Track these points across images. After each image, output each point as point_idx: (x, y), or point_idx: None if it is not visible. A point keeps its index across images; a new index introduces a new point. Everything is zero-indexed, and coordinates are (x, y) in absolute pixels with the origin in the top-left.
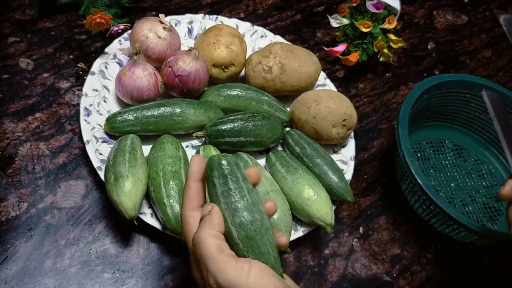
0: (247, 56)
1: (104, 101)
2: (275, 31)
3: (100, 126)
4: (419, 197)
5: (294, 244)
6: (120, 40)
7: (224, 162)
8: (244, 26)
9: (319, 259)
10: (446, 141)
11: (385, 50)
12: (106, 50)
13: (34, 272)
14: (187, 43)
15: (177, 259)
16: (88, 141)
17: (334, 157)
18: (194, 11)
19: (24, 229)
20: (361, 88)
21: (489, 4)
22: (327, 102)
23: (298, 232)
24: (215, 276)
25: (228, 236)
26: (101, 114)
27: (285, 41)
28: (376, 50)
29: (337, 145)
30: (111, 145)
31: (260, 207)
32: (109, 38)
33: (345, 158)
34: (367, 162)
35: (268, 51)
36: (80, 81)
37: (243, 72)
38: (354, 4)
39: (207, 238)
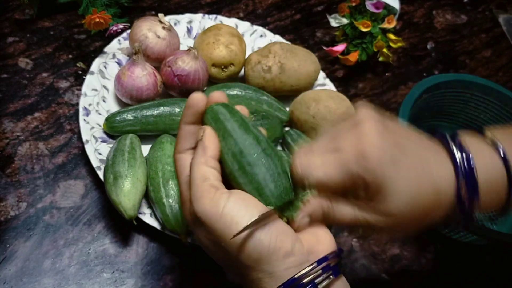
0: (246, 56)
1: (103, 100)
2: (274, 30)
3: (99, 125)
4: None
5: None
6: (119, 40)
7: (222, 109)
8: (244, 26)
9: None
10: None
11: (385, 50)
12: (105, 49)
13: (33, 272)
14: (186, 42)
15: (176, 259)
16: (87, 141)
17: None
18: (194, 10)
19: (23, 229)
20: (361, 88)
21: (489, 4)
22: (327, 102)
23: None
24: (193, 205)
25: (222, 162)
26: (100, 114)
27: (284, 41)
28: (375, 50)
29: None
30: (110, 145)
31: (263, 139)
32: (108, 37)
33: None
34: None
35: (267, 51)
36: (79, 80)
37: (242, 71)
38: (354, 4)
39: (196, 166)
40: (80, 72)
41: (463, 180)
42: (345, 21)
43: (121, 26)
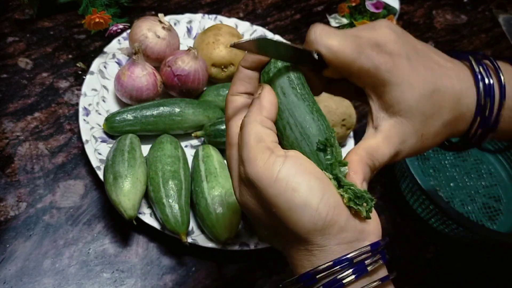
0: None
1: (103, 100)
2: (274, 30)
3: (99, 125)
4: (418, 196)
5: None
6: (119, 40)
7: (284, 69)
8: (244, 26)
9: None
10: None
11: None
12: (105, 49)
13: (33, 272)
14: (186, 42)
15: (176, 259)
16: (87, 141)
17: None
18: (193, 10)
19: (23, 229)
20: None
21: (489, 4)
22: (326, 101)
23: None
24: (245, 166)
25: (278, 123)
26: (100, 114)
27: (284, 41)
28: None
29: None
30: (110, 145)
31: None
32: (108, 37)
33: None
34: None
35: None
36: (79, 80)
37: None
38: (354, 4)
39: (250, 124)
40: (80, 72)
41: (483, 91)
42: (345, 21)
43: (121, 26)
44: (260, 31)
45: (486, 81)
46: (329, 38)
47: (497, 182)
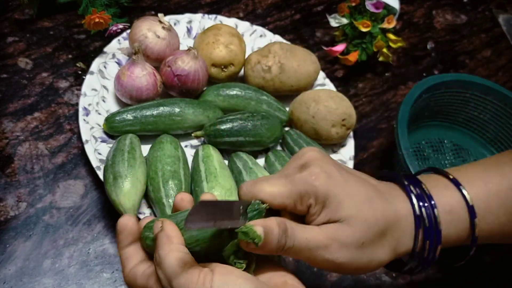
0: (246, 56)
1: (103, 100)
2: (274, 30)
3: (99, 125)
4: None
5: None
6: (119, 40)
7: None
8: (243, 26)
9: None
10: (445, 141)
11: (385, 50)
12: (105, 49)
13: (33, 272)
14: (186, 42)
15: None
16: (87, 141)
17: (334, 156)
18: (193, 10)
19: (23, 229)
20: (361, 88)
21: (489, 3)
22: (327, 101)
23: None
24: None
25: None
26: (100, 114)
27: (284, 41)
28: (375, 50)
29: (336, 145)
30: (110, 145)
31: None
32: (108, 37)
33: (344, 158)
34: (367, 162)
35: (267, 51)
36: (79, 80)
37: (242, 71)
38: (354, 4)
39: (168, 255)
40: (80, 72)
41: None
42: (345, 21)
43: (120, 26)
44: (260, 31)
45: (427, 223)
46: (261, 187)
47: None
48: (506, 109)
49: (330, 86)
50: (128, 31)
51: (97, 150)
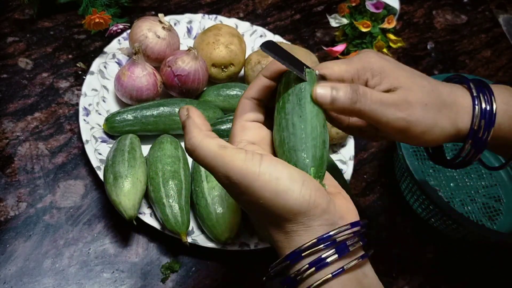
0: (246, 56)
1: (103, 100)
2: (274, 30)
3: (99, 126)
4: (418, 196)
5: None
6: (119, 40)
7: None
8: (244, 26)
9: None
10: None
11: (385, 50)
12: (105, 49)
13: (33, 272)
14: (186, 42)
15: (176, 259)
16: (87, 141)
17: (334, 157)
18: (193, 10)
19: (23, 229)
20: None
21: (489, 4)
22: None
23: None
24: (225, 173)
25: (283, 125)
26: (100, 114)
27: (284, 41)
28: (375, 50)
29: (336, 144)
30: (110, 145)
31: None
32: (108, 37)
33: (344, 158)
34: (367, 162)
35: None
36: (79, 80)
37: (242, 71)
38: (354, 4)
39: (203, 141)
40: (80, 72)
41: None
42: (345, 21)
43: (121, 26)
44: (260, 31)
45: (483, 105)
46: (326, 64)
47: (497, 182)
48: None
49: None
50: (128, 31)
51: (97, 150)
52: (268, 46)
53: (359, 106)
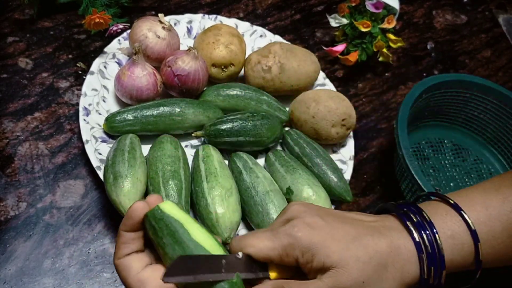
0: (246, 56)
1: (103, 100)
2: (274, 30)
3: (99, 125)
4: (418, 197)
5: None
6: (119, 40)
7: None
8: (244, 26)
9: None
10: (445, 141)
11: (385, 50)
12: (105, 49)
13: (33, 272)
14: (186, 42)
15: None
16: (87, 141)
17: (333, 156)
18: (193, 10)
19: (23, 229)
20: (360, 88)
21: (489, 4)
22: (327, 101)
23: None
24: None
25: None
26: (100, 114)
27: (284, 41)
28: (375, 50)
29: (336, 144)
30: (110, 145)
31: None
32: (108, 37)
33: (344, 158)
34: (367, 161)
35: (267, 51)
36: (79, 80)
37: (242, 71)
38: (354, 4)
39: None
40: (80, 72)
41: (424, 253)
42: (345, 21)
43: (121, 26)
44: (260, 31)
45: (429, 249)
46: (248, 241)
47: None
48: (506, 109)
49: (330, 86)
50: (128, 31)
51: (97, 150)
52: (173, 273)
53: None
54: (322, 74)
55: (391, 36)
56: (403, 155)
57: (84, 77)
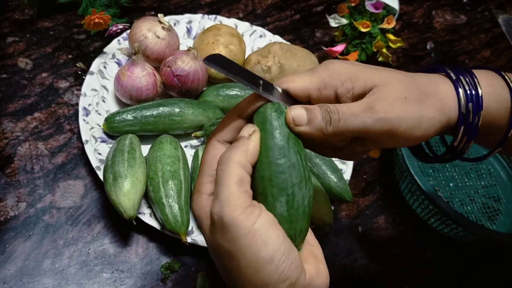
0: (246, 56)
1: (103, 101)
2: (274, 31)
3: (99, 126)
4: (418, 196)
5: None
6: (119, 40)
7: (274, 116)
8: (243, 26)
9: None
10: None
11: (384, 50)
12: (105, 50)
13: (33, 272)
14: (186, 43)
15: (176, 259)
16: (87, 141)
17: None
18: (193, 11)
19: (23, 229)
20: None
21: (488, 4)
22: None
23: None
24: (222, 208)
25: (257, 175)
26: (100, 114)
27: (284, 41)
28: (375, 50)
29: None
30: (110, 145)
31: (299, 165)
32: (108, 38)
33: None
34: (366, 161)
35: (267, 51)
36: (79, 80)
37: None
38: (353, 4)
39: (234, 164)
40: (79, 72)
41: (464, 92)
42: (344, 21)
43: (120, 26)
44: (259, 31)
45: (467, 88)
46: (289, 78)
47: (496, 182)
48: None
49: None
50: (128, 31)
51: (97, 150)
52: (212, 60)
53: (334, 126)
54: None
55: (391, 36)
56: (403, 155)
57: (83, 77)
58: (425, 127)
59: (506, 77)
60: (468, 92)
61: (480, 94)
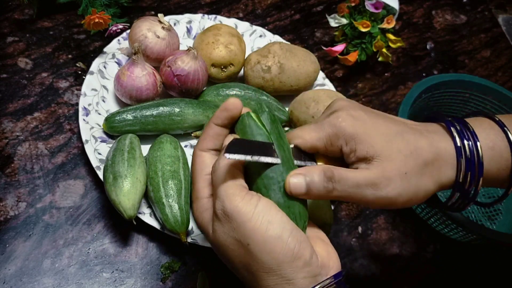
0: (246, 56)
1: (103, 100)
2: (274, 30)
3: (99, 125)
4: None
5: None
6: (119, 40)
7: (253, 123)
8: (243, 26)
9: None
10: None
11: (384, 50)
12: (105, 49)
13: (32, 272)
14: (186, 42)
15: (176, 259)
16: (86, 141)
17: None
18: (193, 10)
19: (23, 229)
20: (360, 88)
21: (488, 4)
22: (326, 101)
23: None
24: (223, 202)
25: (248, 173)
26: (100, 114)
27: (284, 41)
28: (375, 50)
29: None
30: (110, 145)
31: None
32: (108, 37)
33: None
34: None
35: (267, 51)
36: (79, 80)
37: (242, 71)
38: (353, 4)
39: (226, 166)
40: (79, 72)
41: (463, 156)
42: (344, 21)
43: (120, 26)
44: (259, 31)
45: (468, 153)
46: (295, 133)
47: None
48: (506, 109)
49: (329, 86)
50: (128, 31)
51: (97, 150)
52: (232, 150)
53: (335, 194)
54: (321, 74)
55: (391, 36)
56: None
57: (83, 77)
58: (420, 198)
59: (509, 134)
60: (470, 159)
61: (481, 161)
